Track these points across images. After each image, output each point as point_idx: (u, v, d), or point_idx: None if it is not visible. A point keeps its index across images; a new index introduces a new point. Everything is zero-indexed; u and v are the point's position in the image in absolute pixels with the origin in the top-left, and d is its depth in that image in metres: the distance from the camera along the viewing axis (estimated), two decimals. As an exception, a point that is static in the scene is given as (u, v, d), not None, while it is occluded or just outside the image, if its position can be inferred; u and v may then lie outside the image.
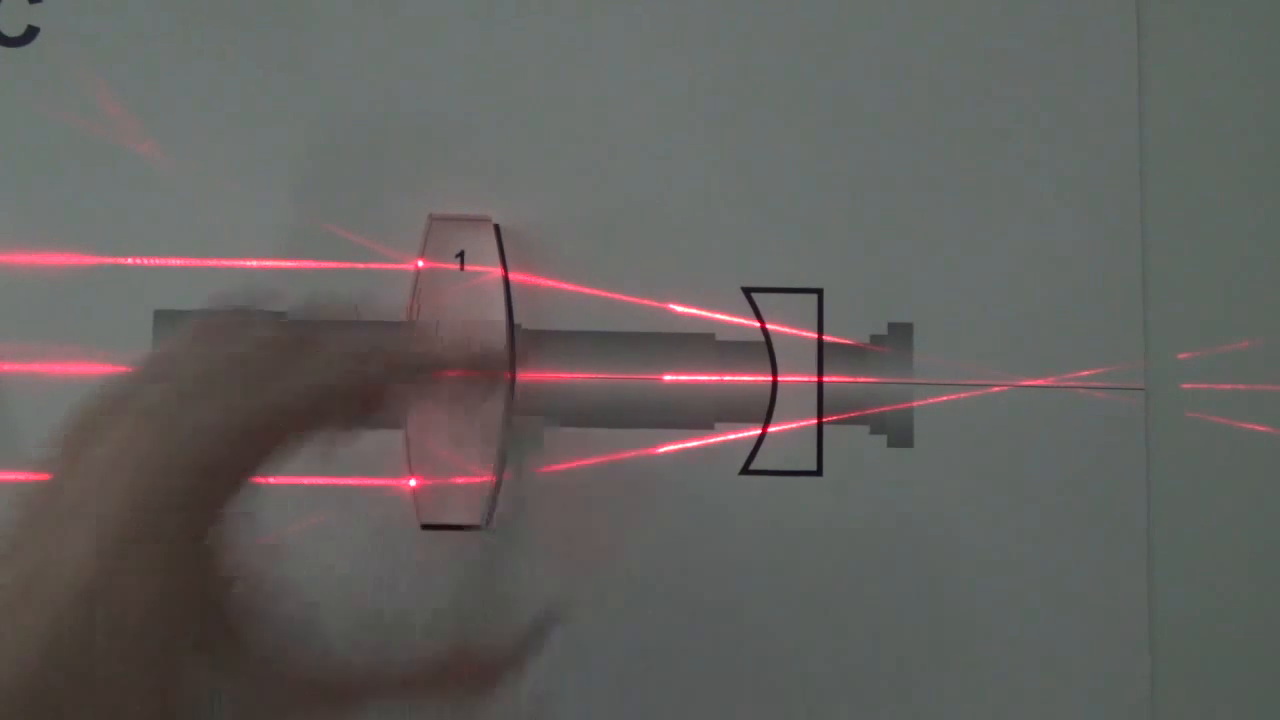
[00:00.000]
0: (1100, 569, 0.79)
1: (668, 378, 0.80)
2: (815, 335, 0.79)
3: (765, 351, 0.79)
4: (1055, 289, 0.81)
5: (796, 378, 0.79)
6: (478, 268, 0.81)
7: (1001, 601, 0.79)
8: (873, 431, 0.80)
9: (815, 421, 0.79)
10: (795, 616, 0.78)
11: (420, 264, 0.80)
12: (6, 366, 0.80)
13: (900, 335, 0.81)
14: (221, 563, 0.50)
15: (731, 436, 0.79)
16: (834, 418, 0.80)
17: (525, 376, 0.80)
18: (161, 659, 0.45)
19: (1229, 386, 0.81)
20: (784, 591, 0.79)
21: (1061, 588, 0.78)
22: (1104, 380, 0.80)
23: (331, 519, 0.79)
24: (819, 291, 0.79)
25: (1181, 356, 0.81)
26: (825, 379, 0.78)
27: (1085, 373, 0.80)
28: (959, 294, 0.81)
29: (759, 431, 0.78)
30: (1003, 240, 0.82)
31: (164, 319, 0.80)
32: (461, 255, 0.81)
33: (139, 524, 0.45)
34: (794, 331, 0.80)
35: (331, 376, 0.56)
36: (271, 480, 0.79)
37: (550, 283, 0.81)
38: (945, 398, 0.80)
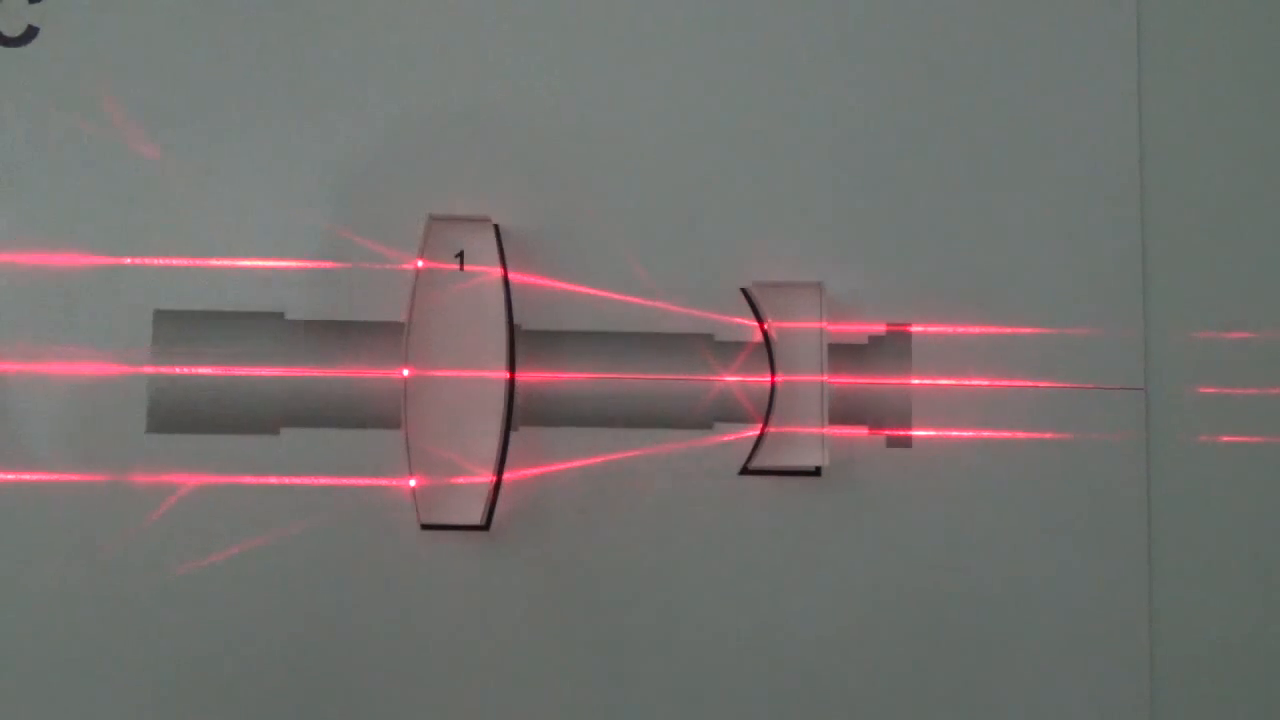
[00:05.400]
0: (1100, 567, 0.79)
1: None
2: (815, 336, 0.79)
3: (765, 351, 0.79)
4: (1055, 289, 0.81)
5: (796, 378, 0.80)
6: (478, 268, 0.81)
7: (1001, 600, 0.79)
8: (872, 431, 0.80)
9: (816, 425, 0.79)
10: (794, 615, 0.79)
11: (420, 264, 0.80)
12: (6, 366, 0.80)
13: (899, 335, 0.81)
14: None
15: (731, 437, 0.79)
16: (833, 418, 0.80)
17: (525, 376, 0.80)
18: None
19: (1228, 387, 0.81)
20: (783, 590, 0.79)
21: (1062, 586, 0.79)
22: (1104, 380, 0.80)
23: (332, 519, 0.79)
24: (819, 286, 0.79)
25: (1181, 357, 0.81)
26: (825, 379, 0.78)
27: (1085, 372, 0.80)
28: (959, 293, 0.81)
29: (758, 431, 0.78)
30: (1002, 240, 0.82)
31: (164, 319, 0.80)
32: (461, 255, 0.81)
33: None
34: (794, 328, 0.80)
35: None
36: (272, 480, 0.80)
37: (550, 283, 0.81)
38: (944, 398, 0.80)
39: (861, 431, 0.80)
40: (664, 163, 0.82)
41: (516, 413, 0.79)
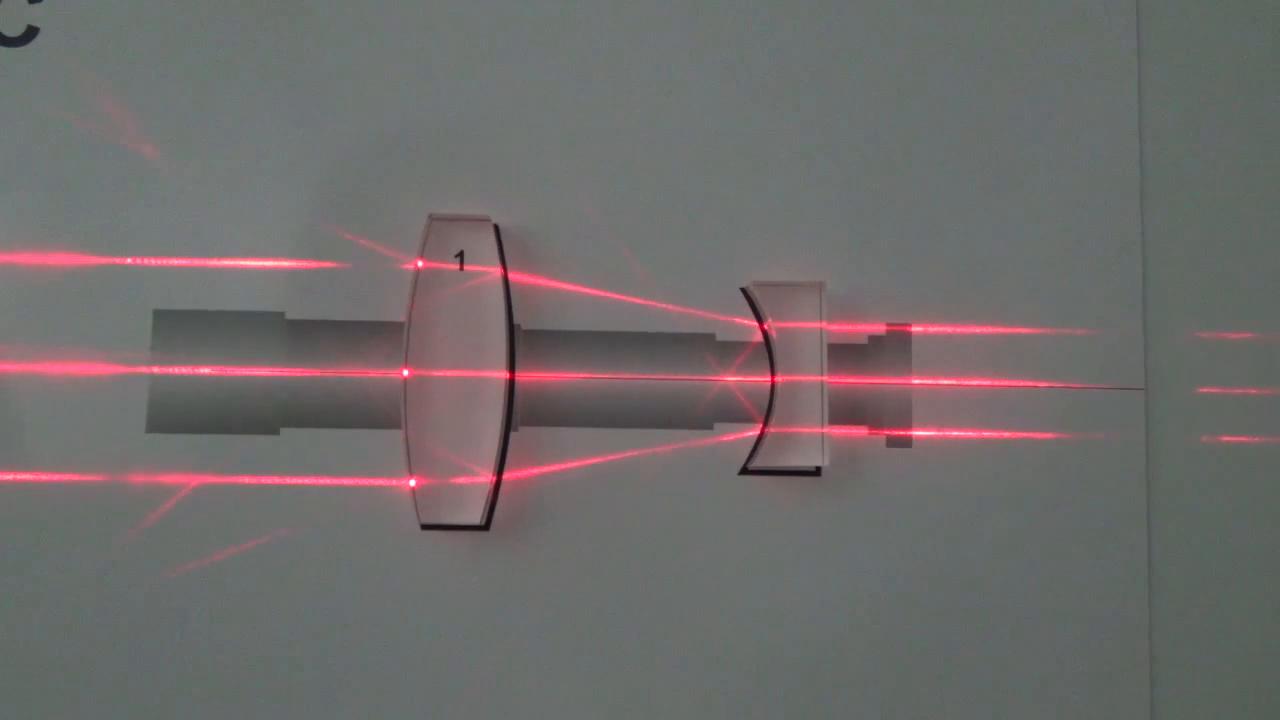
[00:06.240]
0: (1101, 567, 0.79)
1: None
2: (815, 336, 0.79)
3: (765, 351, 0.79)
4: (1055, 289, 0.81)
5: (796, 378, 0.80)
6: (478, 268, 0.81)
7: (1001, 599, 0.79)
8: (872, 431, 0.80)
9: (816, 425, 0.79)
10: (794, 614, 0.79)
11: (420, 264, 0.80)
12: (6, 366, 0.80)
13: (899, 335, 0.81)
14: None
15: (731, 437, 0.79)
16: (833, 418, 0.80)
17: (525, 376, 0.80)
18: None
19: (1229, 387, 0.81)
20: (783, 590, 0.79)
21: (1062, 586, 0.79)
22: (1104, 380, 0.80)
23: (332, 519, 0.79)
24: (820, 285, 0.79)
25: (1181, 357, 0.81)
26: (825, 379, 0.78)
27: (1085, 372, 0.80)
28: (959, 293, 0.81)
29: (758, 431, 0.78)
30: (1002, 240, 0.82)
31: (164, 319, 0.80)
32: (461, 255, 0.81)
33: None
34: (794, 328, 0.80)
35: None
36: (272, 480, 0.80)
37: (550, 283, 0.81)
38: (944, 398, 0.80)
39: (861, 431, 0.80)
40: (664, 163, 0.82)
41: (516, 413, 0.79)
